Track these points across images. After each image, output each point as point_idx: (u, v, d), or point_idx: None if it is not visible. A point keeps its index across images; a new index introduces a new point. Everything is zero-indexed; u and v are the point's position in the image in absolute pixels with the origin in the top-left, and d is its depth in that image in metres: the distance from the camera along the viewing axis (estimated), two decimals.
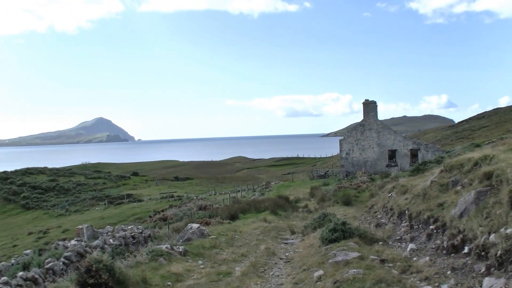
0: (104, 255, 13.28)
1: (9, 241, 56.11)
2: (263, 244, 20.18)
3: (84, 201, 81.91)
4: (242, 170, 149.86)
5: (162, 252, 17.22)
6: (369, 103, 64.49)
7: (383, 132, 64.24)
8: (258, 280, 14.08)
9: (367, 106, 64.55)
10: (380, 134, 64.06)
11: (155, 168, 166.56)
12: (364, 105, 64.73)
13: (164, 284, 13.94)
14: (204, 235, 21.56)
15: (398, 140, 64.01)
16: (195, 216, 36.24)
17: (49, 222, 67.22)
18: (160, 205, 62.91)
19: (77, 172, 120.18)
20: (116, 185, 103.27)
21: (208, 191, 79.87)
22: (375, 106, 64.73)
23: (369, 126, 64.43)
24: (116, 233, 25.27)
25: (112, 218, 58.02)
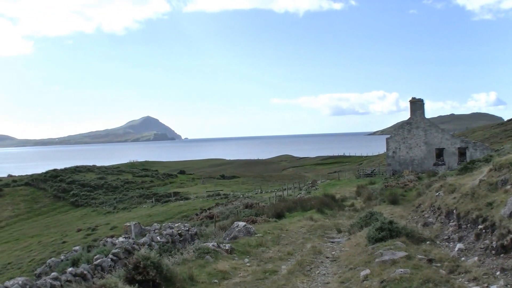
0: (151, 252, 13.42)
1: (59, 237, 57.08)
2: (309, 242, 20.14)
3: (132, 199, 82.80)
4: (288, 169, 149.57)
5: (208, 250, 17.30)
6: (416, 101, 63.75)
7: (430, 130, 63.41)
8: (304, 279, 14.06)
9: (414, 104, 63.81)
10: (427, 132, 63.25)
11: (202, 166, 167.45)
12: (411, 103, 64.01)
13: (211, 281, 14.01)
14: (250, 233, 21.59)
15: (445, 138, 63.12)
16: (242, 214, 36.33)
17: (98, 219, 68.15)
18: (207, 203, 63.20)
19: (125, 170, 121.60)
20: (163, 183, 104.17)
21: (254, 190, 79.91)
22: (422, 104, 63.95)
23: (416, 125, 63.67)
24: (163, 230, 25.47)
25: (159, 215, 58.49)
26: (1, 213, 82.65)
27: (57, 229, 65.49)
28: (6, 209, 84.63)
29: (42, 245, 54.20)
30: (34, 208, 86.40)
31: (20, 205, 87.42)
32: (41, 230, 67.07)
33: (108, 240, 29.14)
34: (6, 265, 47.78)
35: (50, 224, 71.87)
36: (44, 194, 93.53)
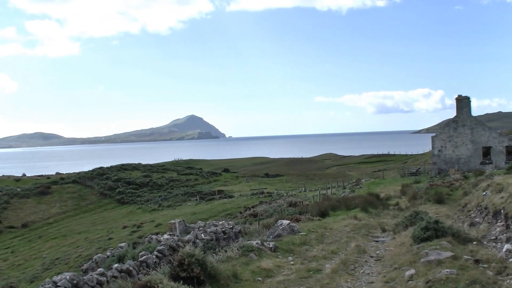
0: (196, 250, 13.51)
1: (105, 234, 57.87)
2: (353, 241, 20.03)
3: (176, 197, 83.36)
4: (332, 167, 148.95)
5: (252, 248, 17.34)
6: (462, 99, 62.77)
7: (477, 128, 62.36)
8: (348, 278, 14.00)
9: (460, 101, 62.84)
10: (474, 130, 62.22)
11: (246, 164, 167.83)
12: (457, 100, 63.06)
13: (254, 279, 14.04)
14: (294, 232, 21.56)
15: (493, 136, 62.01)
16: (285, 212, 36.33)
17: (143, 216, 68.86)
18: (251, 201, 63.30)
19: (170, 168, 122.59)
20: (208, 181, 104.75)
21: (298, 188, 79.75)
22: (469, 102, 62.94)
23: (463, 123, 62.70)
24: (207, 228, 25.60)
25: (203, 213, 58.80)
26: (49, 210, 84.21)
27: (103, 226, 66.41)
28: (54, 206, 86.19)
29: (89, 241, 55.04)
30: (81, 205, 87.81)
31: (67, 202, 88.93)
32: (88, 226, 68.09)
33: (153, 237, 29.42)
34: (54, 260, 48.67)
35: (97, 221, 72.91)
36: (90, 192, 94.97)
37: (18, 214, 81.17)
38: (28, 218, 79.72)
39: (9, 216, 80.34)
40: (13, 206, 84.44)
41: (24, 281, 42.97)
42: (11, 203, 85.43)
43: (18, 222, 77.97)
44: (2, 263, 54.60)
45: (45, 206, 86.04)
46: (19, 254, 58.21)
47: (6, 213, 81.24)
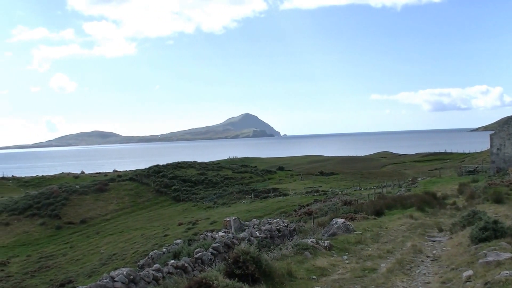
0: (251, 247, 13.55)
1: (161, 230, 58.53)
2: (409, 241, 19.83)
3: (231, 195, 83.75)
4: (388, 165, 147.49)
5: (307, 246, 17.32)
6: None
7: None
8: (404, 278, 13.87)
9: None
10: None
11: (300, 163, 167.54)
12: None
13: (309, 277, 14.02)
14: (349, 230, 21.46)
15: None
16: (340, 211, 36.14)
17: (198, 213, 69.37)
18: (305, 200, 63.11)
19: (225, 166, 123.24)
20: (262, 179, 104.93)
21: (353, 186, 79.24)
22: None
23: None
24: (262, 226, 25.66)
25: (258, 211, 58.87)
26: (107, 207, 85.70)
27: (159, 222, 67.19)
28: (112, 203, 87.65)
29: (145, 237, 55.76)
30: (137, 202, 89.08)
31: (124, 199, 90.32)
32: (144, 223, 69.01)
33: (208, 234, 29.65)
34: (111, 256, 49.53)
35: (153, 217, 73.84)
36: (147, 189, 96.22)
37: (76, 211, 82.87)
38: (86, 215, 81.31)
39: (68, 212, 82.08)
40: (72, 202, 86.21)
41: (82, 275, 43.86)
42: (70, 199, 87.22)
43: (77, 218, 79.61)
44: (61, 257, 55.85)
45: (102, 203, 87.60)
46: (77, 249, 59.41)
47: (66, 209, 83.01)
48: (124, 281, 13.49)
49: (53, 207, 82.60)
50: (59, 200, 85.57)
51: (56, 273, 48.05)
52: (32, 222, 78.09)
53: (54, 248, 62.74)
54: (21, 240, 70.75)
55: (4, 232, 74.46)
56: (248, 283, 12.31)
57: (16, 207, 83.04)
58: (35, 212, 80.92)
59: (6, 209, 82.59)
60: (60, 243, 65.91)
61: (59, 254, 58.35)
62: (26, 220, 78.80)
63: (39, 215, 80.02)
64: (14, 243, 69.80)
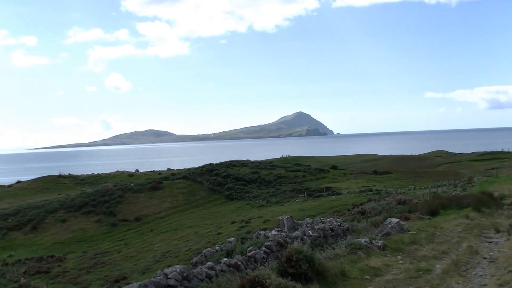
0: (304, 246, 13.54)
1: (214, 228, 58.81)
2: (465, 241, 19.50)
3: (284, 193, 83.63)
4: (443, 165, 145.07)
5: (360, 246, 17.22)
6: None
7: None
8: (459, 279, 13.64)
9: None
10: None
11: (354, 161, 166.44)
12: None
13: (362, 277, 13.93)
14: (403, 230, 21.23)
15: None
16: (394, 210, 35.78)
17: (251, 212, 69.49)
18: (358, 199, 62.63)
19: (278, 165, 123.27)
20: (315, 178, 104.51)
21: (407, 186, 78.27)
22: None
23: None
24: (315, 225, 25.58)
25: (311, 210, 58.63)
26: (160, 205, 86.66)
27: (212, 220, 67.55)
28: (165, 201, 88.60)
29: (198, 235, 56.12)
30: (191, 200, 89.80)
31: (178, 197, 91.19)
32: (197, 221, 69.48)
33: (261, 233, 29.73)
34: (165, 253, 50.03)
35: (206, 216, 74.29)
36: (200, 187, 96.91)
37: (131, 208, 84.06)
38: (140, 212, 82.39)
39: (123, 210, 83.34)
40: (127, 200, 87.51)
41: (136, 272, 44.41)
42: (125, 197, 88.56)
43: (131, 215, 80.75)
44: (116, 254, 56.71)
45: (156, 201, 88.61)
46: (132, 246, 60.23)
47: (120, 207, 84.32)
48: (178, 278, 13.64)
49: (108, 204, 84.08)
50: (114, 198, 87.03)
51: (110, 270, 48.80)
52: (87, 219, 79.60)
53: (109, 245, 63.78)
54: (77, 237, 72.18)
55: (60, 229, 76.13)
56: (301, 282, 12.30)
57: (73, 205, 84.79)
58: (91, 210, 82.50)
59: (63, 206, 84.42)
60: (115, 240, 66.97)
61: (114, 250, 59.27)
62: (82, 217, 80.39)
63: (94, 213, 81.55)
64: (70, 239, 71.28)
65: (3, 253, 65.60)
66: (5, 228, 77.03)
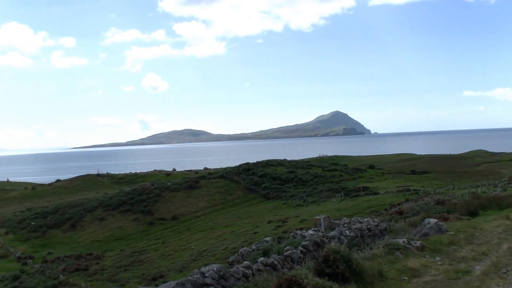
0: (341, 246, 13.48)
1: (250, 228, 58.88)
2: (505, 243, 19.18)
3: (321, 193, 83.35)
4: (482, 164, 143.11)
5: (398, 246, 17.07)
6: None
7: None
8: (500, 282, 13.43)
9: None
10: None
11: (391, 161, 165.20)
12: None
13: (400, 278, 13.80)
14: (441, 231, 20.98)
15: None
16: (432, 210, 35.42)
17: (288, 211, 69.40)
18: (396, 199, 62.13)
19: (315, 164, 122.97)
20: (352, 177, 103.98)
21: (446, 186, 77.40)
22: None
23: None
24: (352, 224, 25.46)
25: (348, 210, 58.36)
26: (197, 204, 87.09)
27: (249, 220, 67.63)
28: (202, 200, 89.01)
29: (235, 234, 56.26)
30: (227, 199, 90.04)
31: (215, 196, 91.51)
32: (234, 220, 69.65)
33: (297, 232, 29.67)
34: (201, 252, 50.26)
35: (243, 215, 74.40)
36: (237, 187, 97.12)
37: (168, 207, 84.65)
38: (177, 211, 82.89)
39: (160, 208, 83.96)
40: (164, 199, 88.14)
41: (173, 270, 44.69)
42: (162, 196, 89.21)
43: (168, 214, 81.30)
44: (153, 252, 57.16)
45: (193, 200, 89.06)
46: (169, 244, 60.62)
47: (158, 205, 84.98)
48: (214, 277, 13.68)
49: (145, 203, 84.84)
50: (151, 197, 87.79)
51: (148, 268, 49.22)
52: (125, 217, 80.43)
53: (146, 243, 64.29)
54: (115, 235, 72.97)
55: (99, 227, 77.08)
56: (338, 282, 12.24)
57: (111, 203, 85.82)
58: (129, 208, 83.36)
59: (101, 205, 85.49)
60: (152, 239, 67.50)
61: (151, 249, 59.73)
62: (120, 215, 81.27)
63: (132, 211, 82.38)
64: (108, 237, 72.09)
65: (43, 251, 66.76)
66: (44, 226, 78.43)
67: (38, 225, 79.17)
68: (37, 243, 72.13)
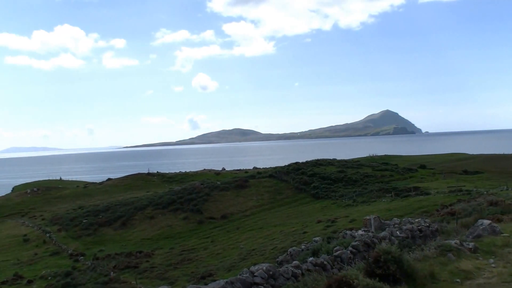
0: (392, 247, 13.30)
1: (300, 227, 58.71)
2: None
3: (371, 193, 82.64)
4: None
5: (450, 248, 16.77)
6: None
7: None
8: None
9: None
10: None
11: (443, 161, 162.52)
12: None
13: (453, 280, 13.54)
14: (495, 233, 20.54)
15: None
16: (485, 212, 34.72)
17: (337, 211, 68.98)
18: (448, 199, 61.19)
19: (365, 164, 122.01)
20: (403, 177, 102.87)
21: (500, 186, 75.84)
22: None
23: None
24: (403, 225, 25.15)
25: (398, 210, 57.75)
26: (246, 203, 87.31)
27: (298, 219, 67.45)
28: (251, 199, 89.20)
29: (284, 234, 56.18)
30: (277, 199, 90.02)
31: (264, 196, 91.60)
32: (283, 220, 69.57)
33: (347, 233, 29.46)
34: (250, 251, 50.34)
35: (292, 214, 74.26)
36: (286, 186, 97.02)
37: (217, 206, 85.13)
38: (227, 210, 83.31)
39: (210, 207, 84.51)
40: (213, 198, 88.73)
41: (222, 269, 44.85)
42: (212, 195, 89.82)
43: (217, 213, 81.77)
44: (202, 251, 57.50)
45: (242, 199, 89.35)
46: (218, 243, 60.93)
47: (207, 204, 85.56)
48: (264, 277, 13.68)
49: (195, 202, 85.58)
50: (201, 196, 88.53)
51: (197, 266, 49.54)
52: (175, 216, 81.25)
53: (195, 242, 64.76)
54: (164, 233, 73.76)
55: (149, 225, 78.06)
56: (389, 284, 12.09)
57: (161, 202, 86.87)
58: (178, 207, 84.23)
59: (151, 204, 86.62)
60: (202, 237, 67.97)
61: (200, 248, 60.11)
62: (170, 214, 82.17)
63: (182, 210, 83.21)
64: (158, 236, 72.91)
65: (94, 248, 67.94)
66: (96, 223, 79.90)
67: (90, 223, 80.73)
68: (89, 241, 73.51)
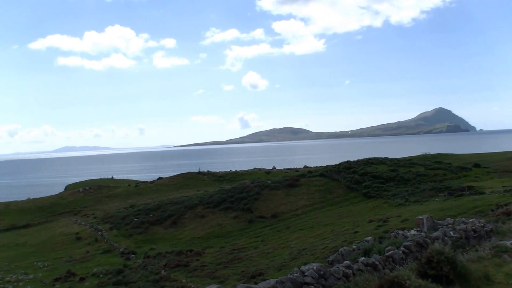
0: (445, 247, 13.03)
1: (351, 227, 58.29)
2: None
3: (424, 192, 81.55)
4: None
5: (506, 248, 16.37)
6: None
7: None
8: None
9: None
10: None
11: (498, 159, 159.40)
12: None
13: (508, 282, 13.19)
14: None
15: None
16: None
17: (389, 211, 68.29)
18: (503, 199, 59.91)
19: (417, 162, 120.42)
20: (457, 176, 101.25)
21: None
22: None
23: None
24: (456, 225, 24.69)
25: (451, 210, 56.83)
26: (297, 202, 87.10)
27: (349, 219, 67.01)
28: (302, 198, 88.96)
29: (335, 233, 55.85)
30: (327, 198, 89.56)
31: (314, 195, 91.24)
32: (334, 219, 69.18)
33: (399, 233, 29.06)
34: (301, 250, 50.17)
35: (343, 214, 73.82)
36: (337, 185, 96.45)
37: (268, 205, 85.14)
38: (277, 209, 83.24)
39: (260, 206, 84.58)
40: (264, 197, 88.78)
41: (272, 268, 44.80)
42: (262, 194, 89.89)
43: (268, 212, 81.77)
44: (252, 250, 57.55)
45: (293, 198, 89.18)
46: (268, 243, 60.90)
47: (258, 203, 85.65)
48: (314, 276, 13.58)
49: (245, 201, 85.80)
50: (251, 195, 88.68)
51: (247, 265, 49.57)
52: (225, 215, 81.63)
53: (246, 241, 64.87)
54: (215, 232, 74.13)
55: (199, 224, 78.58)
56: (442, 285, 11.84)
57: (211, 201, 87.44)
58: (229, 206, 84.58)
59: (202, 202, 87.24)
60: (252, 236, 68.06)
61: (251, 247, 60.18)
62: (220, 213, 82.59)
63: (232, 209, 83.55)
64: (209, 234, 73.30)
65: (145, 246, 68.72)
66: (147, 222, 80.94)
67: (141, 221, 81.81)
68: (140, 239, 74.38)
